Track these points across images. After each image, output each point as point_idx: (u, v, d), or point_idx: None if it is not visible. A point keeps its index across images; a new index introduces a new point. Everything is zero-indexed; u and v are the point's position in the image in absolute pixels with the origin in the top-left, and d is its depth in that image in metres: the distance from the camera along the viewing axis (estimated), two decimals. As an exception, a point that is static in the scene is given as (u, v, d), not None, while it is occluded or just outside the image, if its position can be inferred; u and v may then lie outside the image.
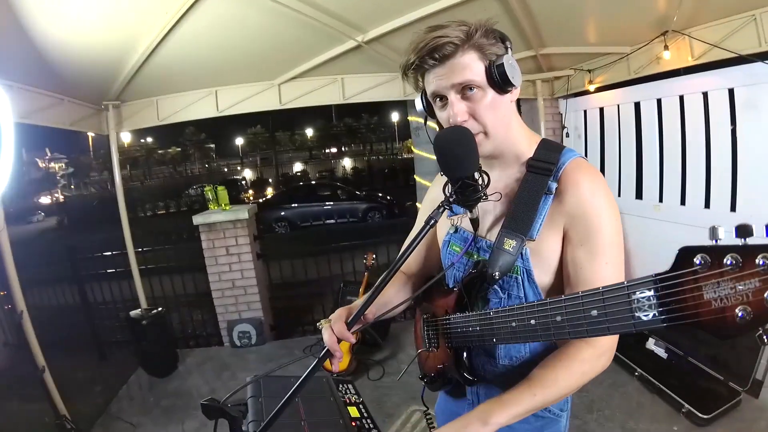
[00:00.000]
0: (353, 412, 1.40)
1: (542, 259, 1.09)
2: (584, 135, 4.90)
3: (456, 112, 1.04)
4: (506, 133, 1.11)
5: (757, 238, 0.54)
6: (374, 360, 4.15)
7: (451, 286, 1.29)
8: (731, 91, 3.21)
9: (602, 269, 1.02)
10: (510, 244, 1.07)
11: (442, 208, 0.99)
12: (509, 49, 1.05)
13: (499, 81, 1.02)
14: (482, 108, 1.05)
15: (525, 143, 1.15)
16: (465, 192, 1.00)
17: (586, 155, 4.84)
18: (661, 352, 3.43)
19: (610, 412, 3.08)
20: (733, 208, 3.27)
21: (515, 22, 3.35)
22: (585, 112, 4.84)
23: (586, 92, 4.56)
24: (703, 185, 3.50)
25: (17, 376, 3.40)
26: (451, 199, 1.01)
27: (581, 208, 1.03)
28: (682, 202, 3.70)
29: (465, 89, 1.04)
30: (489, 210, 1.19)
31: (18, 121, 2.89)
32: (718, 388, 3.00)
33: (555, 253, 1.08)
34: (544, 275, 1.10)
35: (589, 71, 4.36)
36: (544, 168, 1.09)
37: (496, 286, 1.13)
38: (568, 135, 5.04)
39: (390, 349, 4.35)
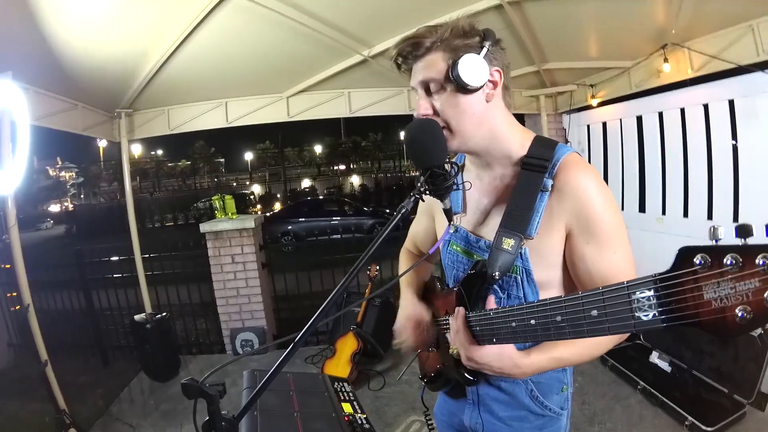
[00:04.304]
0: (347, 408, 1.41)
1: (542, 256, 1.10)
2: (588, 149, 4.93)
3: (418, 105, 1.10)
4: (478, 131, 1.11)
5: (757, 238, 0.55)
6: (375, 371, 4.13)
7: (451, 286, 1.30)
8: (731, 102, 3.24)
9: (612, 260, 1.04)
10: (509, 243, 1.07)
11: (413, 197, 1.02)
12: (483, 47, 1.05)
13: (454, 80, 1.04)
14: (443, 105, 1.07)
15: (516, 141, 1.15)
16: (435, 181, 1.02)
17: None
18: (665, 366, 3.41)
19: (612, 425, 3.06)
20: (735, 219, 3.29)
21: (517, 38, 3.42)
22: (588, 126, 4.88)
23: (588, 107, 4.60)
24: (705, 196, 3.52)
25: (20, 375, 3.43)
26: (421, 189, 1.03)
27: (581, 205, 1.03)
28: (685, 214, 3.72)
29: (428, 86, 1.08)
30: (486, 209, 1.20)
31: (33, 123, 2.98)
32: (722, 400, 2.97)
33: (555, 250, 1.09)
34: (544, 272, 1.11)
35: (592, 86, 4.40)
36: (538, 165, 1.09)
37: (495, 286, 1.14)
38: (571, 150, 5.07)
39: (391, 359, 4.33)
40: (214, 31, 2.97)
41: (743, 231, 0.57)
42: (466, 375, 1.20)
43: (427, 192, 1.04)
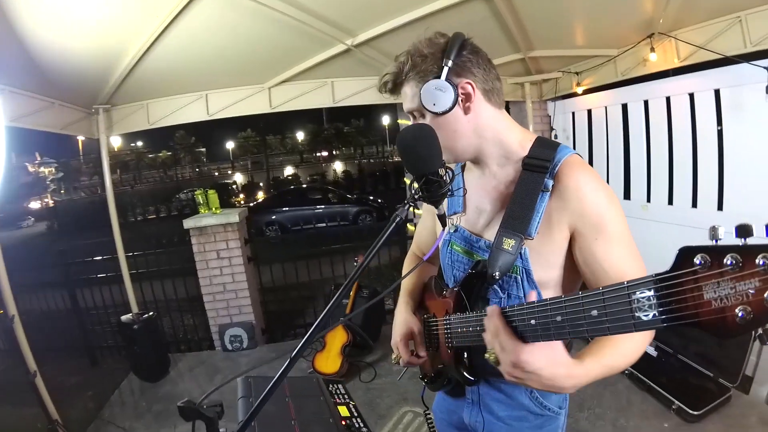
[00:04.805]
0: (343, 411, 1.41)
1: (542, 256, 1.10)
2: (572, 137, 4.94)
3: None
4: (467, 143, 1.15)
5: (757, 238, 0.54)
6: (366, 362, 4.14)
7: (451, 286, 1.30)
8: (717, 92, 3.25)
9: (624, 253, 1.03)
10: (509, 243, 1.08)
11: (406, 205, 1.00)
12: (444, 67, 1.07)
13: (425, 108, 1.10)
14: None
15: (514, 141, 1.16)
16: (430, 188, 1.01)
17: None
18: (651, 350, 3.46)
19: (601, 411, 3.11)
20: (720, 207, 3.32)
21: (503, 25, 3.38)
22: (573, 114, 4.88)
23: (574, 94, 4.59)
24: (690, 185, 3.54)
25: (9, 381, 3.39)
26: (416, 196, 1.02)
27: (586, 203, 1.03)
28: (670, 202, 3.74)
29: (411, 114, 1.17)
30: (486, 209, 1.21)
31: (8, 125, 2.89)
32: (708, 384, 3.04)
33: (557, 250, 1.09)
34: (544, 272, 1.11)
35: (577, 74, 4.39)
36: (539, 166, 1.10)
37: (495, 286, 1.14)
38: (556, 137, 5.08)
39: (381, 350, 4.35)
40: (193, 23, 2.89)
41: (743, 231, 0.57)
42: (466, 375, 1.20)
43: (422, 199, 1.03)
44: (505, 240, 1.08)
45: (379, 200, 15.30)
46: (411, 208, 1.02)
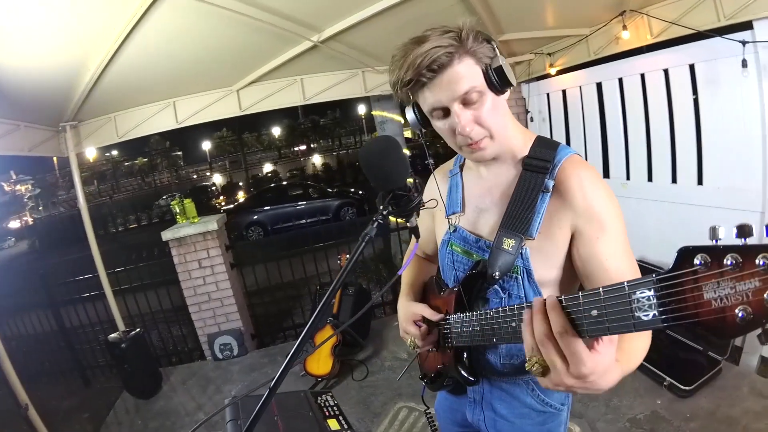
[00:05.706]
0: (333, 424, 1.39)
1: (543, 256, 1.09)
2: (548, 118, 4.93)
3: (464, 123, 1.03)
4: (507, 131, 1.11)
5: (757, 238, 0.54)
6: (357, 360, 4.12)
7: (451, 286, 1.29)
8: (692, 67, 3.24)
9: (624, 252, 1.03)
10: (509, 243, 1.07)
11: (375, 223, 0.96)
12: (497, 50, 1.04)
13: (497, 83, 1.02)
14: (485, 113, 1.04)
15: (520, 141, 1.15)
16: (399, 203, 0.98)
17: (551, 138, 4.90)
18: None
19: (594, 391, 3.12)
20: (700, 182, 3.33)
21: (471, 11, 3.33)
22: (548, 95, 4.87)
23: (547, 75, 4.57)
24: (668, 161, 3.55)
25: (1, 409, 3.32)
26: (384, 213, 0.98)
27: (587, 202, 1.02)
28: (650, 179, 3.75)
29: (467, 97, 1.02)
30: (487, 209, 1.20)
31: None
32: (698, 358, 3.05)
33: (558, 250, 1.08)
34: (545, 272, 1.10)
35: (550, 54, 4.37)
36: (540, 166, 1.09)
37: (496, 287, 1.14)
38: (532, 119, 5.07)
39: (372, 347, 4.33)
40: (153, 31, 2.80)
41: (743, 231, 0.57)
42: (465, 375, 1.21)
43: (391, 215, 0.99)
44: (505, 240, 1.08)
45: (360, 191, 15.19)
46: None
